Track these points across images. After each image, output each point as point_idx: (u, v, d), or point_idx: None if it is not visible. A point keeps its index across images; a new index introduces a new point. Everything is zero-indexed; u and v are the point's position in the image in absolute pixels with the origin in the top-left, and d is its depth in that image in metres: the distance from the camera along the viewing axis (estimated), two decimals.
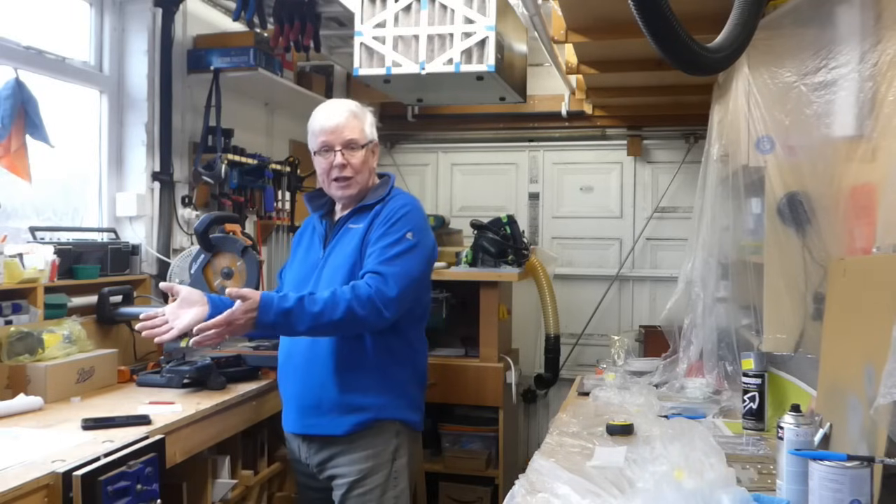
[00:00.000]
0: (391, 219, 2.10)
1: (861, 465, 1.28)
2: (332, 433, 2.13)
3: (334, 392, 2.11)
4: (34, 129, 2.61)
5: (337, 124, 2.13)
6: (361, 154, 2.15)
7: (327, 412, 2.12)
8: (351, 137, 2.13)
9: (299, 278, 2.23)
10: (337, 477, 2.15)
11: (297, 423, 2.20)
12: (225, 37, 3.44)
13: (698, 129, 4.12)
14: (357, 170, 2.14)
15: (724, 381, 2.60)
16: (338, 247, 2.18)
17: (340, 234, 2.19)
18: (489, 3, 2.56)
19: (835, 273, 1.75)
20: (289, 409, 2.23)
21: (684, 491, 1.33)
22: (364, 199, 2.20)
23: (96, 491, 1.69)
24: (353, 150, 2.14)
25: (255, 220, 3.81)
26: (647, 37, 1.43)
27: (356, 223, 2.17)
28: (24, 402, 2.17)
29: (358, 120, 2.16)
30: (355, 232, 2.16)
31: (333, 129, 2.13)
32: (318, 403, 2.13)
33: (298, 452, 2.24)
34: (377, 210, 2.16)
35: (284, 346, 2.25)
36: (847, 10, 1.82)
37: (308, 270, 2.22)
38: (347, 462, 2.13)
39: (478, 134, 4.85)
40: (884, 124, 1.61)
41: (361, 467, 2.11)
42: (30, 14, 2.80)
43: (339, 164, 2.12)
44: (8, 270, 2.37)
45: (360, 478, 2.11)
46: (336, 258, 2.16)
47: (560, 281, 4.38)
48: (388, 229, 2.08)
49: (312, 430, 2.16)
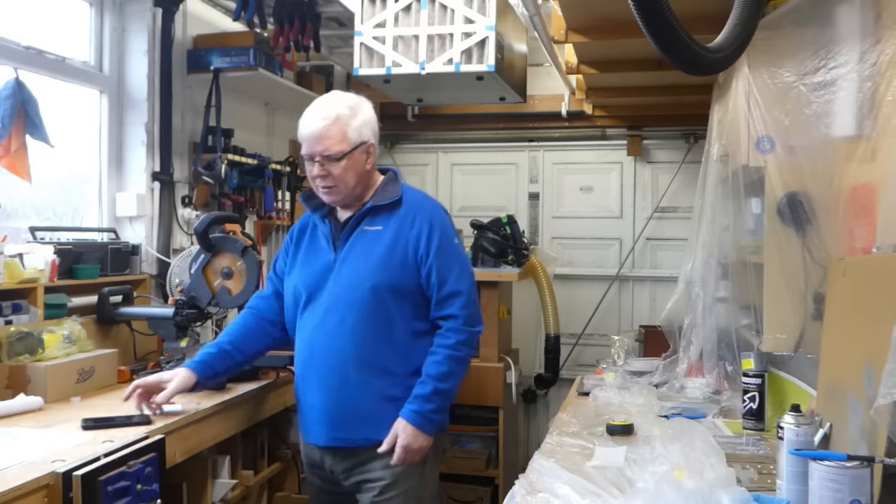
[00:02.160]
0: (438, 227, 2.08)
1: (861, 465, 1.28)
2: (362, 446, 2.06)
3: (366, 404, 2.04)
4: (34, 129, 2.61)
5: (312, 133, 2.00)
6: (343, 163, 2.00)
7: (359, 424, 2.04)
8: (326, 150, 1.99)
9: (309, 280, 2.12)
10: (368, 482, 2.08)
11: (324, 436, 2.09)
12: (225, 37, 3.44)
13: (698, 129, 4.12)
14: (339, 179, 2.02)
15: (724, 381, 2.60)
16: (355, 249, 2.07)
17: (356, 237, 2.08)
18: (489, 3, 2.56)
19: (835, 273, 1.75)
20: (313, 420, 2.11)
21: (684, 491, 1.33)
22: (375, 199, 2.09)
23: (96, 491, 1.69)
24: (334, 160, 2.00)
25: (255, 220, 3.81)
26: (647, 37, 1.43)
27: (372, 225, 2.08)
28: (24, 402, 2.17)
29: (340, 125, 2.00)
30: (375, 235, 2.07)
31: (309, 138, 2.01)
32: (349, 416, 2.05)
33: (321, 460, 2.15)
34: (406, 214, 2.08)
35: (301, 356, 2.14)
36: (847, 9, 1.82)
37: (319, 272, 2.11)
38: (380, 467, 2.06)
39: (478, 134, 4.85)
40: (883, 124, 1.61)
41: (395, 471, 2.05)
42: (30, 14, 2.80)
43: (315, 175, 2.03)
44: (8, 270, 2.37)
45: (393, 482, 2.05)
46: (355, 262, 2.06)
47: (560, 281, 4.38)
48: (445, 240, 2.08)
49: (343, 443, 2.07)
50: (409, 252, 2.06)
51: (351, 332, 2.03)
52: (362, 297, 2.03)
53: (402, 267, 2.05)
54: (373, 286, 2.02)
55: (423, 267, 2.06)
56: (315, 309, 2.10)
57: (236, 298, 2.84)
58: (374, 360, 2.04)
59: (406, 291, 2.06)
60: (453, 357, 2.05)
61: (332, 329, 2.05)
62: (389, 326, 2.05)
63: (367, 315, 2.03)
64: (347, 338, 2.04)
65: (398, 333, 2.06)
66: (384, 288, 2.03)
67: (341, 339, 2.04)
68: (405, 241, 2.07)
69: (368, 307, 2.03)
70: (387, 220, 2.09)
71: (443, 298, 2.07)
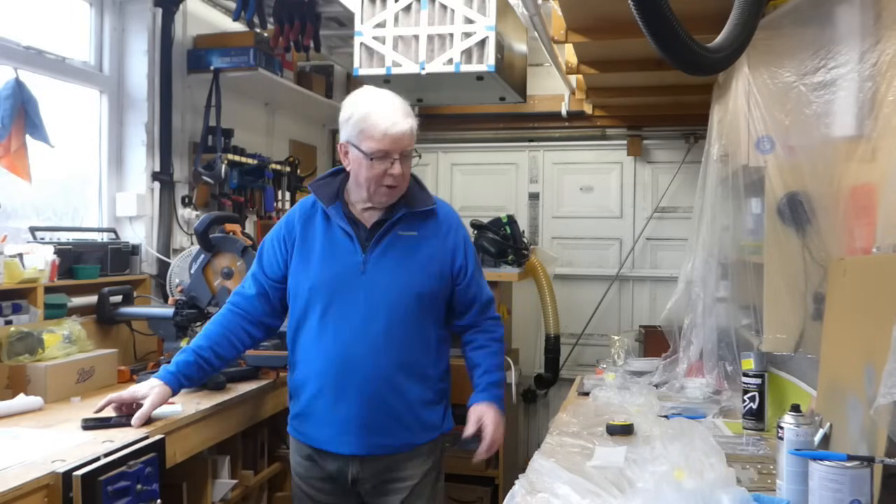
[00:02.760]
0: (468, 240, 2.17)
1: (861, 465, 1.28)
2: (401, 451, 2.07)
3: (407, 410, 2.03)
4: (34, 129, 2.61)
5: (402, 133, 1.93)
6: (411, 161, 2.01)
7: (399, 430, 2.04)
8: (408, 147, 1.96)
9: (327, 280, 2.01)
10: (395, 481, 2.08)
11: (363, 445, 2.02)
12: (225, 37, 3.44)
13: (698, 129, 4.12)
14: (406, 178, 2.01)
15: (724, 381, 2.60)
16: (390, 255, 2.01)
17: (390, 240, 2.02)
18: (489, 3, 2.56)
19: (835, 273, 1.75)
20: (344, 431, 2.02)
21: (684, 491, 1.33)
22: (408, 204, 2.06)
23: (96, 491, 1.69)
24: (408, 158, 1.98)
25: (255, 220, 3.81)
26: (647, 37, 1.43)
27: (408, 230, 2.04)
28: (24, 402, 2.17)
29: (413, 127, 1.98)
30: (411, 240, 2.04)
31: (398, 137, 1.93)
32: (390, 423, 2.02)
33: (343, 469, 2.06)
34: (440, 223, 2.09)
35: (332, 363, 2.01)
36: (847, 9, 1.82)
37: (343, 273, 2.00)
38: (410, 468, 2.08)
39: (478, 134, 4.85)
40: (883, 124, 1.61)
41: (423, 470, 2.11)
42: (30, 14, 2.80)
43: (397, 174, 1.95)
44: (8, 270, 2.37)
45: (420, 480, 2.10)
46: (390, 268, 2.01)
47: (560, 281, 4.38)
48: (475, 252, 2.19)
49: (383, 450, 2.04)
50: (447, 262, 2.09)
51: (396, 338, 2.00)
52: (408, 304, 2.01)
53: (440, 276, 2.07)
54: (419, 293, 2.02)
55: (462, 278, 2.11)
56: (347, 313, 1.99)
57: None
58: (414, 366, 2.04)
59: (439, 298, 2.09)
60: (502, 350, 2.22)
61: (376, 336, 1.98)
62: (424, 332, 2.06)
63: (411, 322, 2.02)
64: (392, 344, 1.99)
65: (430, 338, 2.08)
66: (427, 295, 2.04)
67: (386, 346, 1.99)
68: (443, 251, 2.08)
69: (413, 314, 2.02)
70: (420, 226, 2.06)
71: (486, 304, 2.20)
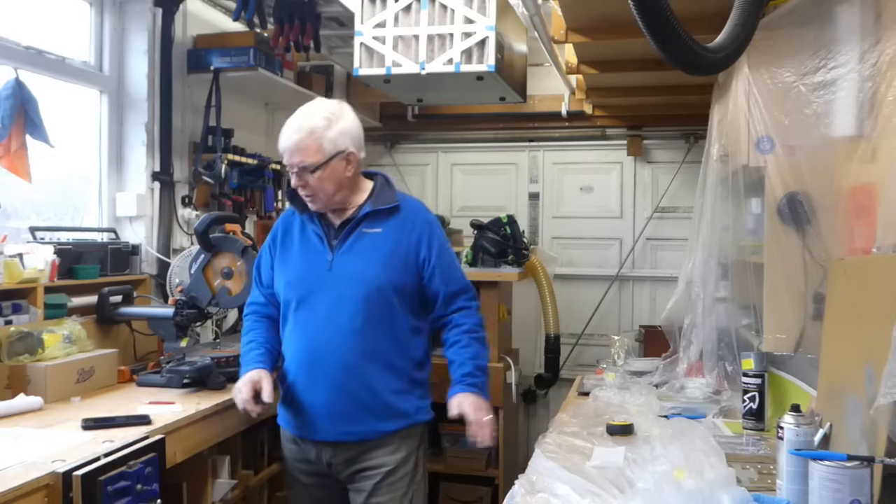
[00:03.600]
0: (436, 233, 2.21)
1: (861, 465, 1.28)
2: (369, 439, 2.12)
3: (374, 398, 2.10)
4: (34, 129, 2.61)
5: (287, 146, 2.07)
6: (319, 174, 2.06)
7: (368, 418, 2.10)
8: (301, 162, 2.05)
9: (300, 278, 2.16)
10: (368, 469, 2.14)
11: (332, 432, 2.12)
12: (225, 37, 3.44)
13: (698, 129, 4.12)
14: (316, 188, 2.08)
15: (724, 381, 2.60)
16: (354, 250, 2.12)
17: (355, 238, 2.13)
18: (489, 3, 2.56)
19: (835, 273, 1.75)
20: (316, 417, 2.13)
21: (684, 491, 1.33)
22: (373, 203, 2.15)
23: (96, 491, 1.69)
24: (309, 172, 2.06)
25: (255, 220, 3.81)
26: (647, 37, 1.43)
27: (372, 227, 2.14)
28: (24, 402, 2.17)
29: (314, 137, 2.05)
30: (375, 237, 2.13)
31: (284, 150, 2.08)
32: (358, 410, 2.10)
33: (317, 455, 2.17)
34: (405, 219, 2.16)
35: (303, 353, 2.15)
36: (847, 9, 1.82)
37: (313, 271, 2.14)
38: (381, 455, 2.14)
39: (478, 134, 4.85)
40: (883, 124, 1.61)
41: (396, 458, 2.14)
42: (30, 14, 2.80)
43: (294, 184, 2.11)
44: (8, 270, 2.37)
45: (395, 468, 2.14)
46: (357, 262, 2.11)
47: (560, 281, 4.38)
48: (442, 244, 2.22)
49: (352, 437, 2.12)
50: (411, 255, 2.16)
51: (360, 329, 2.09)
52: (368, 296, 2.09)
53: (405, 268, 2.14)
54: (379, 285, 2.10)
55: (427, 269, 2.17)
56: (315, 307, 2.12)
57: (236, 298, 2.84)
58: (380, 356, 2.11)
59: (406, 290, 2.15)
60: (475, 339, 2.20)
61: (341, 327, 2.09)
62: (392, 323, 2.13)
63: (375, 313, 2.10)
64: (356, 335, 2.09)
65: (399, 329, 2.14)
66: (389, 287, 2.11)
67: (350, 337, 2.09)
68: (406, 245, 2.15)
69: (375, 305, 2.10)
70: (385, 223, 2.15)
71: (451, 295, 2.20)
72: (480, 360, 2.18)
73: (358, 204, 2.17)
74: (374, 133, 4.85)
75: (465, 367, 2.15)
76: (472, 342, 2.19)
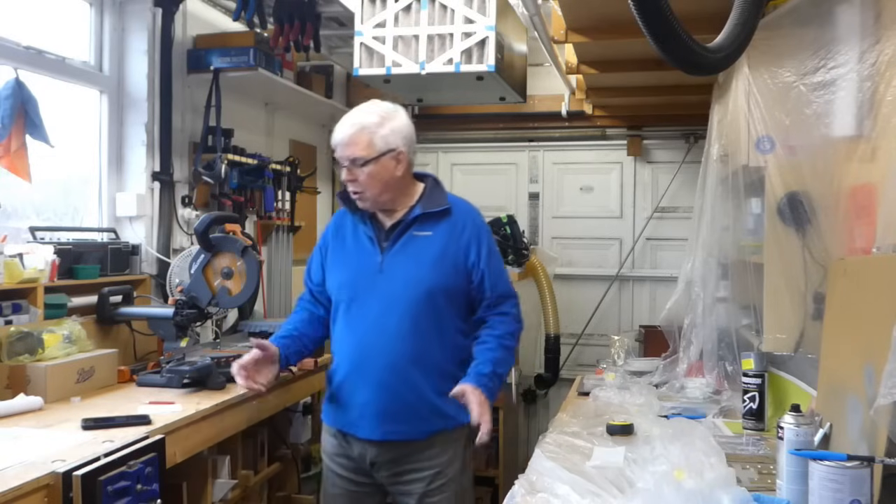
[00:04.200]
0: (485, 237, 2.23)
1: (861, 465, 1.28)
2: (415, 438, 2.13)
3: (421, 400, 2.12)
4: (34, 129, 2.61)
5: (340, 140, 2.11)
6: (368, 169, 2.08)
7: (414, 419, 2.12)
8: (352, 155, 2.09)
9: (351, 280, 2.18)
10: (416, 471, 2.15)
11: (378, 431, 2.13)
12: (225, 37, 3.44)
13: (698, 129, 4.11)
14: (365, 185, 2.10)
15: (724, 381, 2.61)
16: (406, 253, 2.14)
17: (405, 240, 2.15)
18: (489, 3, 2.56)
19: (835, 273, 1.75)
20: (363, 416, 2.15)
21: (684, 491, 1.33)
22: (423, 205, 2.18)
23: (96, 491, 1.69)
24: (359, 166, 2.09)
25: (255, 220, 3.81)
26: (647, 37, 1.43)
27: (422, 230, 2.16)
28: (24, 402, 2.17)
29: (366, 133, 2.09)
30: (426, 240, 2.15)
31: (338, 144, 2.11)
32: (405, 411, 2.11)
33: (361, 453, 2.18)
34: (455, 222, 2.18)
35: (352, 353, 2.17)
36: (846, 9, 1.82)
37: (363, 273, 2.16)
38: (427, 457, 2.14)
39: (478, 134, 4.85)
40: (883, 124, 1.61)
41: (442, 460, 2.15)
42: (30, 14, 2.80)
43: (346, 180, 2.12)
44: (8, 270, 2.37)
45: (441, 470, 2.15)
46: (408, 265, 2.13)
47: (560, 281, 4.39)
48: (492, 248, 2.23)
49: (398, 436, 2.13)
50: (461, 258, 2.17)
51: (409, 332, 2.10)
52: (418, 299, 2.11)
53: (454, 271, 2.15)
54: (429, 288, 2.11)
55: (475, 273, 2.18)
56: (365, 309, 2.14)
57: (236, 298, 2.84)
58: (428, 358, 2.12)
59: (455, 293, 2.16)
60: (503, 345, 2.19)
61: (389, 329, 2.11)
62: (440, 326, 2.14)
63: (423, 315, 2.11)
64: (405, 337, 2.10)
65: (447, 332, 2.16)
66: (438, 290, 2.13)
67: (399, 339, 2.10)
68: (456, 248, 2.16)
69: (424, 308, 2.11)
70: (436, 226, 2.17)
71: (496, 300, 2.20)
72: (501, 367, 2.17)
73: (408, 206, 2.18)
74: None
75: (485, 368, 2.14)
76: (499, 348, 2.18)
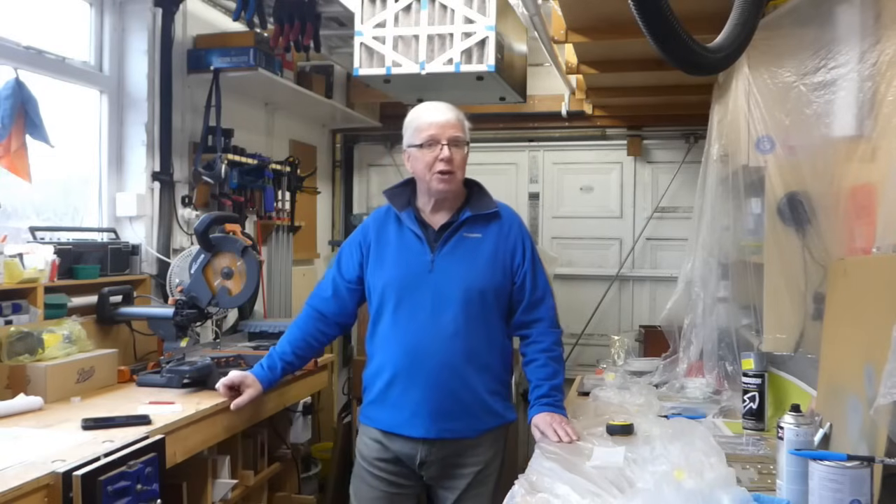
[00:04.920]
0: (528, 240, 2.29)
1: (861, 465, 1.28)
2: (467, 436, 2.18)
3: (473, 398, 2.16)
4: (34, 129, 2.61)
5: (447, 120, 2.19)
6: (463, 152, 2.21)
7: (465, 416, 2.16)
8: (457, 134, 2.19)
9: (401, 278, 2.19)
10: (461, 467, 2.20)
11: (426, 428, 2.15)
12: (225, 37, 3.44)
13: (698, 129, 4.12)
14: (458, 166, 2.19)
15: (724, 381, 2.61)
16: (456, 254, 2.18)
17: (456, 241, 2.19)
18: (489, 3, 2.56)
19: (835, 273, 1.75)
20: (414, 414, 2.16)
21: (684, 491, 1.33)
22: (472, 208, 2.24)
23: (96, 491, 1.69)
24: (458, 146, 2.19)
25: (255, 220, 3.81)
26: (647, 37, 1.43)
27: (472, 232, 2.21)
28: (24, 402, 2.17)
29: (460, 119, 2.23)
30: (476, 242, 2.20)
31: (443, 124, 2.18)
32: (457, 409, 2.16)
33: (409, 453, 2.19)
34: (503, 224, 2.25)
35: (404, 353, 2.17)
36: (847, 9, 1.82)
37: (413, 272, 2.18)
38: (475, 454, 2.20)
39: (478, 134, 4.76)
40: (883, 124, 1.61)
41: (486, 457, 2.21)
42: (30, 14, 2.80)
43: (445, 158, 2.16)
44: (8, 270, 2.37)
45: (485, 466, 2.21)
46: (456, 265, 2.17)
47: (560, 281, 4.38)
48: (534, 251, 2.29)
49: (447, 434, 2.16)
50: (508, 260, 2.23)
51: (461, 331, 2.14)
52: (470, 298, 2.15)
53: (503, 273, 2.22)
54: (481, 288, 2.17)
55: (518, 274, 2.24)
56: (415, 307, 2.17)
57: (236, 298, 2.84)
58: (479, 357, 2.18)
59: (502, 294, 2.22)
60: (551, 357, 2.25)
61: (442, 328, 2.14)
62: (488, 325, 2.20)
63: (474, 315, 2.16)
64: (457, 336, 2.14)
65: (494, 331, 2.22)
66: (490, 290, 2.19)
67: (452, 338, 2.14)
68: (504, 250, 2.23)
69: (475, 308, 2.16)
70: (485, 229, 2.23)
71: (534, 302, 2.26)
72: (555, 379, 2.22)
73: (456, 207, 2.24)
74: (374, 133, 4.85)
75: (541, 389, 2.20)
76: (549, 362, 2.23)
